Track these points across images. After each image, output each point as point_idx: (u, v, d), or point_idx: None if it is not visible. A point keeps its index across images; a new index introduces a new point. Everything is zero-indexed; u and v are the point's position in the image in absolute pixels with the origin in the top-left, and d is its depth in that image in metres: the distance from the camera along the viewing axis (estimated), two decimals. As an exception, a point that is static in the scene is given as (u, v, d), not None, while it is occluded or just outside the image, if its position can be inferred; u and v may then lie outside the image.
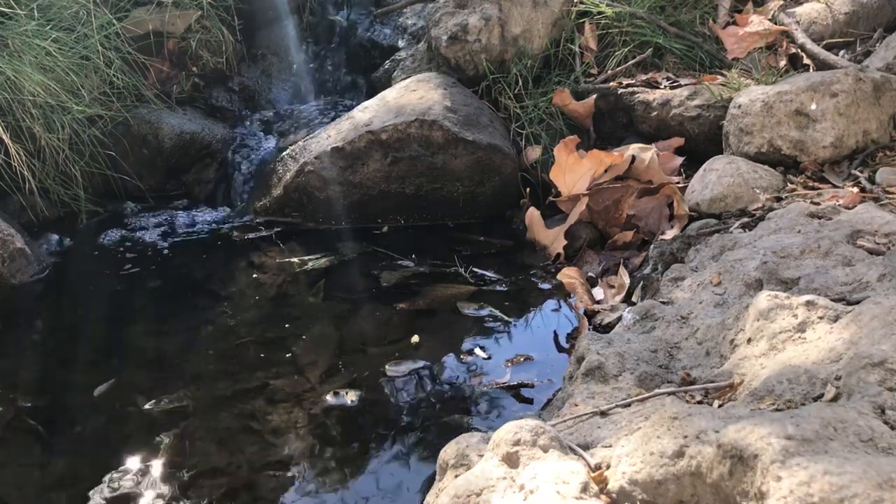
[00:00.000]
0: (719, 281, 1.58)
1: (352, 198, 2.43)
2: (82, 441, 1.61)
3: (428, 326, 1.92)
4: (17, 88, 2.29)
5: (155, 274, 2.26)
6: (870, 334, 1.09)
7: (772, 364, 1.18)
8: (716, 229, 1.86)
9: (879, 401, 0.96)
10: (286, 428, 1.60)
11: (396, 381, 1.73)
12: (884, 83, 2.03)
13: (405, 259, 2.25)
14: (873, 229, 1.57)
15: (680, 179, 2.19)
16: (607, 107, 2.53)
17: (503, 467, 1.06)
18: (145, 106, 2.71)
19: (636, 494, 0.99)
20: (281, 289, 2.14)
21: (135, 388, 1.74)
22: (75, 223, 2.52)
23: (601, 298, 1.95)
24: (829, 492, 0.79)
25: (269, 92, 3.13)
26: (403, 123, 2.35)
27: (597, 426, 1.19)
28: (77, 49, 2.48)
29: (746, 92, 2.12)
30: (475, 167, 2.38)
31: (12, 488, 1.49)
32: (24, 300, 2.15)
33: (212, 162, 2.77)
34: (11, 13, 2.36)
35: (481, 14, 2.60)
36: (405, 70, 2.83)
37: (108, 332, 1.99)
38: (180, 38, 2.85)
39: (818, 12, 2.59)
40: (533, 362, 1.78)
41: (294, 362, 1.82)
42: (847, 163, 2.01)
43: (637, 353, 1.40)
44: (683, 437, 0.99)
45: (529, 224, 2.29)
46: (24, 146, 2.30)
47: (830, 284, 1.42)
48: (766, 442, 0.87)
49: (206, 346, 1.89)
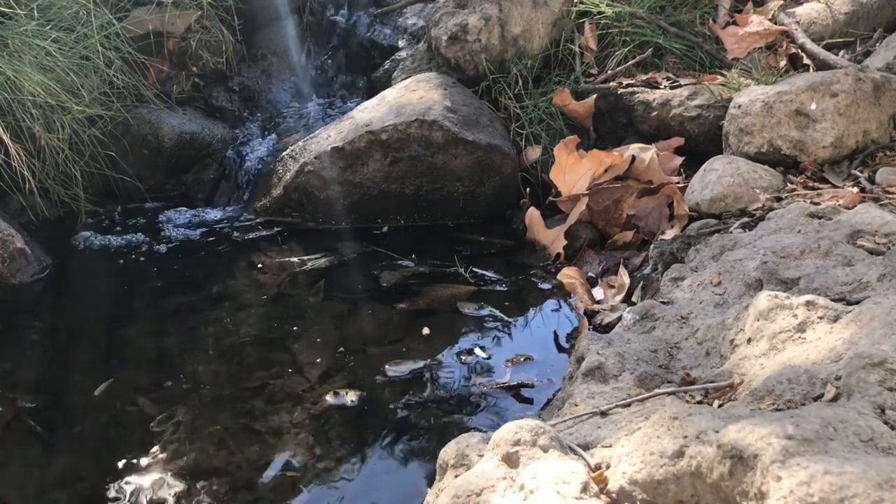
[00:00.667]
0: (719, 281, 1.58)
1: (352, 198, 2.43)
2: (82, 441, 1.61)
3: (428, 327, 1.92)
4: (17, 88, 2.29)
5: (155, 274, 2.26)
6: (870, 334, 1.09)
7: (772, 364, 1.18)
8: (716, 229, 1.86)
9: (879, 401, 0.96)
10: (286, 428, 1.60)
11: (396, 382, 1.73)
12: (884, 83, 2.03)
13: (405, 259, 2.25)
14: (873, 229, 1.57)
15: (680, 179, 2.19)
16: (607, 107, 2.53)
17: (503, 467, 1.06)
18: (145, 106, 2.71)
19: (636, 494, 0.99)
20: (281, 289, 2.14)
21: (135, 388, 1.74)
22: (75, 223, 2.51)
23: (601, 298, 1.95)
24: (829, 492, 0.79)
25: (269, 92, 3.13)
26: (403, 123, 2.35)
27: (597, 426, 1.19)
28: (77, 49, 2.48)
29: (746, 92, 2.12)
30: (475, 167, 2.38)
31: (12, 488, 1.49)
32: (24, 300, 2.15)
33: (212, 162, 2.77)
34: (11, 13, 2.36)
35: (481, 14, 2.60)
36: (405, 70, 2.83)
37: (108, 332, 1.99)
38: (180, 38, 2.85)
39: (818, 12, 2.59)
40: (533, 362, 1.78)
41: (294, 362, 1.82)
42: (847, 163, 2.01)
43: (637, 353, 1.40)
44: (683, 437, 0.99)
45: (529, 224, 2.29)
46: (24, 146, 2.30)
47: (830, 284, 1.42)
48: (766, 442, 0.87)
49: (206, 346, 1.89)
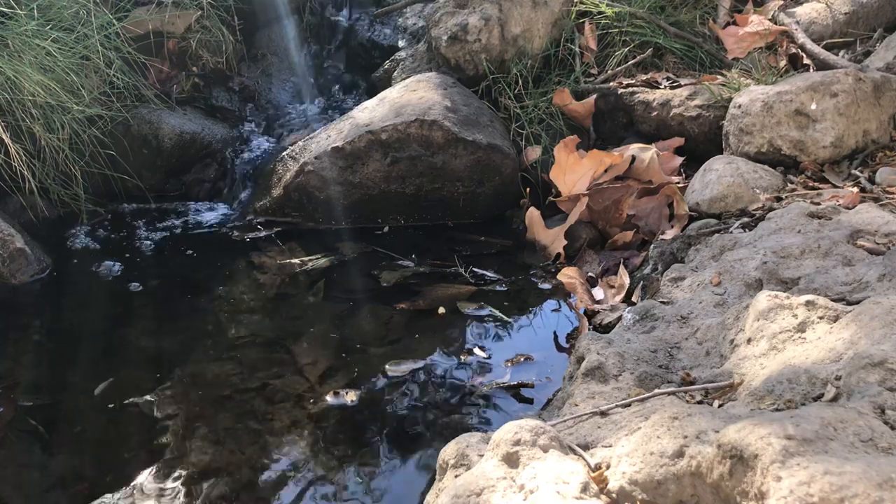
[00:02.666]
0: (719, 281, 1.58)
1: (352, 198, 2.43)
2: (82, 441, 1.61)
3: (428, 326, 1.92)
4: (17, 88, 2.28)
5: (155, 274, 2.26)
6: (870, 334, 1.09)
7: (772, 364, 1.18)
8: (716, 229, 1.86)
9: (879, 401, 0.96)
10: (286, 428, 1.60)
11: (396, 382, 1.73)
12: (884, 83, 2.03)
13: (405, 259, 2.25)
14: (873, 229, 1.57)
15: (680, 179, 2.19)
16: (607, 107, 2.53)
17: (503, 467, 1.06)
18: (145, 106, 2.71)
19: (636, 494, 0.99)
20: (281, 289, 2.14)
21: (135, 388, 1.74)
22: (75, 223, 2.51)
23: (601, 298, 1.95)
24: (829, 492, 0.79)
25: (269, 92, 3.13)
26: (403, 123, 2.35)
27: (597, 426, 1.19)
28: (77, 49, 2.48)
29: (746, 92, 2.12)
30: (475, 167, 2.38)
31: (12, 488, 1.49)
32: (24, 300, 2.15)
33: (212, 162, 2.77)
34: (11, 13, 2.36)
35: (481, 14, 2.60)
36: (405, 70, 2.83)
37: (108, 332, 1.99)
38: (180, 38, 2.85)
39: (818, 12, 2.59)
40: (533, 362, 1.78)
41: (294, 362, 1.82)
42: (847, 163, 2.01)
43: (637, 353, 1.40)
44: (683, 437, 0.99)
45: (529, 224, 2.29)
46: (24, 146, 2.30)
47: (830, 284, 1.42)
48: (766, 442, 0.87)
49: (206, 346, 1.89)
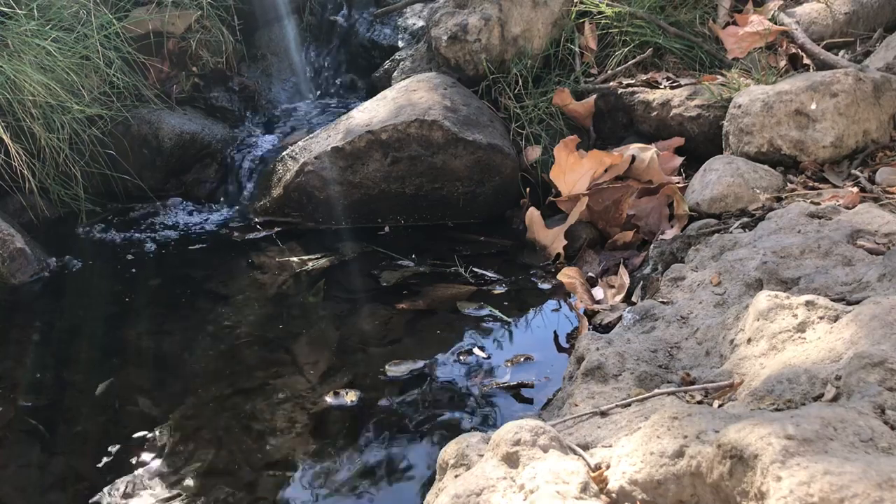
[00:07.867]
0: (719, 281, 1.58)
1: (352, 198, 2.43)
2: (82, 441, 1.61)
3: (428, 326, 1.92)
4: (17, 88, 2.28)
5: (155, 274, 2.26)
6: (870, 334, 1.09)
7: (772, 364, 1.18)
8: (716, 229, 1.86)
9: (879, 401, 0.96)
10: (286, 428, 1.60)
11: (396, 382, 1.73)
12: (884, 83, 2.03)
13: (405, 259, 2.25)
14: (873, 229, 1.57)
15: (680, 179, 2.19)
16: (607, 107, 2.53)
17: (503, 467, 1.06)
18: (145, 106, 2.71)
19: (636, 494, 0.99)
20: (281, 289, 2.14)
21: (135, 388, 1.74)
22: (75, 223, 2.51)
23: (601, 298, 1.95)
24: (829, 492, 0.79)
25: (269, 92, 3.13)
26: (403, 123, 2.35)
27: (597, 426, 1.19)
28: (77, 49, 2.48)
29: (746, 92, 2.12)
30: (475, 167, 2.38)
31: (12, 488, 1.49)
32: (24, 300, 2.15)
33: (212, 162, 2.77)
34: (11, 13, 2.36)
35: (481, 14, 2.60)
36: (405, 70, 2.83)
37: (108, 332, 1.99)
38: (180, 38, 2.85)
39: (818, 12, 2.59)
40: (533, 362, 1.78)
41: (294, 362, 1.82)
42: (847, 163, 2.01)
43: (637, 353, 1.40)
44: (683, 437, 0.99)
45: (529, 224, 2.29)
46: (24, 146, 2.30)
47: (830, 284, 1.42)
48: (766, 442, 0.87)
49: (206, 346, 1.89)
